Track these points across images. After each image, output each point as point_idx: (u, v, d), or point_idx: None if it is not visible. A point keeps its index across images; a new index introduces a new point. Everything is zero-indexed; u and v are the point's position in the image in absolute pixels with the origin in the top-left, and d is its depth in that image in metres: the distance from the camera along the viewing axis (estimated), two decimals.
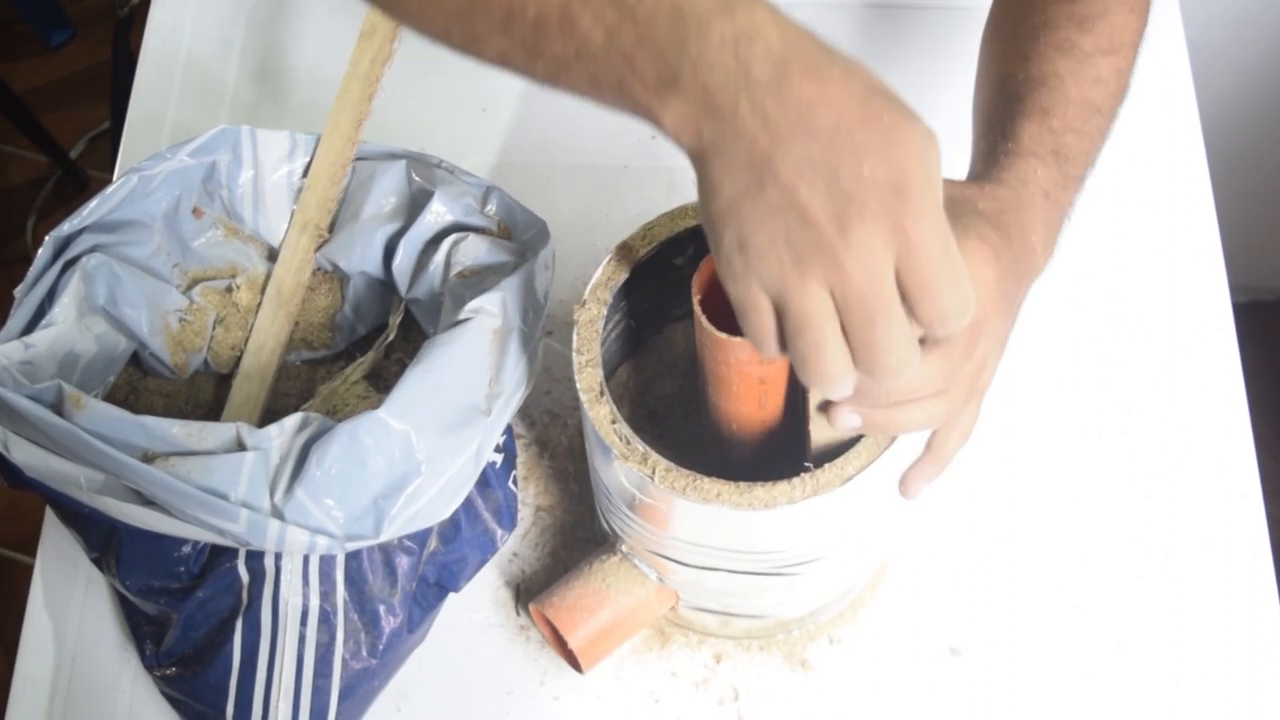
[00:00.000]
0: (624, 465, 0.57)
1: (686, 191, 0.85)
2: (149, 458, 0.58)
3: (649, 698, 0.70)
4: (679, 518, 0.59)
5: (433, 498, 0.61)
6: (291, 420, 0.59)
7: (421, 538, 0.67)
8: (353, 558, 0.65)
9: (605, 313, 0.60)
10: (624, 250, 0.62)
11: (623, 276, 0.62)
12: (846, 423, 0.52)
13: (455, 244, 0.68)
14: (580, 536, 0.74)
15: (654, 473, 0.56)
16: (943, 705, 0.69)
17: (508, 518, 0.71)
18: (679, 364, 0.73)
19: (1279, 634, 0.70)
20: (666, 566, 0.64)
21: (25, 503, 1.81)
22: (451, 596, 0.70)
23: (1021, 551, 0.73)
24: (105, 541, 0.66)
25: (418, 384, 0.60)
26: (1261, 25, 1.21)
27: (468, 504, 0.68)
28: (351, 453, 0.58)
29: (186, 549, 0.65)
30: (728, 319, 0.52)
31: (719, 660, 0.70)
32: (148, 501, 0.59)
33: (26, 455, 0.61)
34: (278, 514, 0.58)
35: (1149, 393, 0.77)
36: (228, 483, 0.57)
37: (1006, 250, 0.54)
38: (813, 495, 0.55)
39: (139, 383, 0.73)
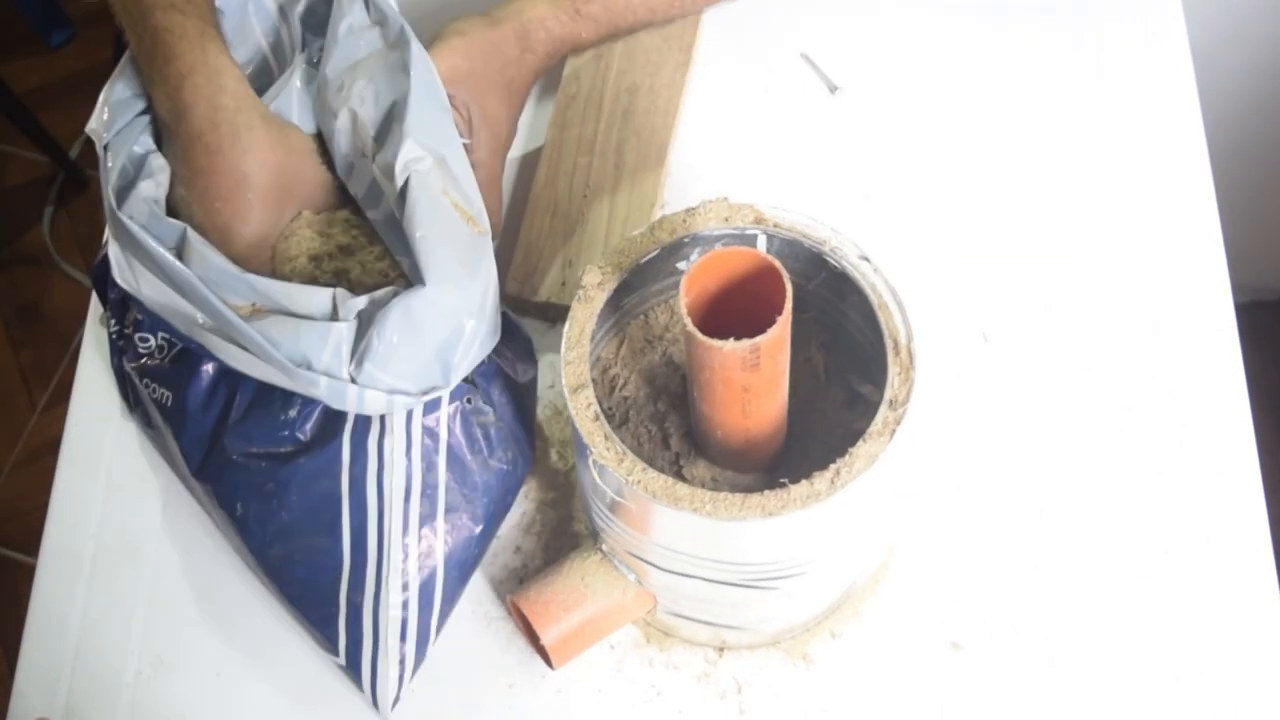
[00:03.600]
0: (600, 464, 0.56)
1: (690, 193, 0.85)
2: (254, 310, 0.65)
3: (651, 691, 0.70)
4: (654, 522, 0.58)
5: (482, 334, 0.66)
6: (381, 293, 0.65)
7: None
8: (451, 442, 0.69)
9: (598, 311, 0.60)
10: (622, 253, 0.62)
11: (621, 277, 0.61)
12: None
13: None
14: (578, 531, 0.74)
15: (630, 474, 0.56)
16: (944, 700, 0.69)
17: (529, 359, 0.76)
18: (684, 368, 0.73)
19: (1279, 634, 0.70)
20: (644, 569, 0.64)
21: (25, 502, 1.81)
22: None
23: (1023, 547, 0.73)
24: (223, 403, 0.69)
25: (430, 250, 0.64)
26: (1264, 26, 1.21)
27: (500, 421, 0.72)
28: (408, 323, 0.63)
29: (294, 413, 0.68)
30: (715, 324, 0.52)
31: (721, 654, 0.70)
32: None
33: (152, 290, 0.68)
34: (353, 380, 0.63)
35: (1150, 392, 0.77)
36: (314, 350, 0.63)
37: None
38: (786, 510, 0.54)
39: None
